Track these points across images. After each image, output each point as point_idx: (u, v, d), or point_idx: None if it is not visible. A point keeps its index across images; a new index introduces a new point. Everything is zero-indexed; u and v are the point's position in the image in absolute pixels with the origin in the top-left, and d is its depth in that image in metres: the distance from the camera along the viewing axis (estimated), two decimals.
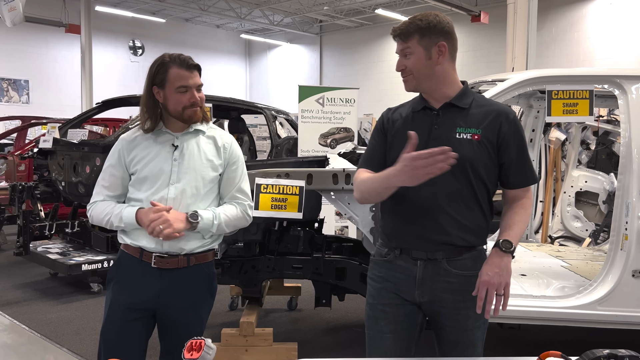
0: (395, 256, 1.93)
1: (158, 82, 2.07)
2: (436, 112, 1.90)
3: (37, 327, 4.28)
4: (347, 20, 21.72)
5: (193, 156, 2.13)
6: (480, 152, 1.84)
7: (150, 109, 2.10)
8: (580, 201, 5.89)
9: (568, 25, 16.77)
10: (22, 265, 6.34)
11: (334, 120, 7.03)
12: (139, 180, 2.12)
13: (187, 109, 2.09)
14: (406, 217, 1.90)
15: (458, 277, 1.87)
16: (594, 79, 3.32)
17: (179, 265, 2.11)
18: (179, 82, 2.06)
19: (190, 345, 1.59)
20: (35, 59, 19.74)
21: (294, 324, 4.54)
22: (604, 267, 3.19)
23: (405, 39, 1.87)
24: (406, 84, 1.92)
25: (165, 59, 2.08)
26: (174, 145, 2.13)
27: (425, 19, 1.86)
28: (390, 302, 1.94)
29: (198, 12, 21.16)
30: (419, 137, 1.80)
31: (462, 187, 1.84)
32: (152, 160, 2.11)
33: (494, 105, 1.92)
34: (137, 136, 2.15)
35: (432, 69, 1.87)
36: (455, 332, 1.91)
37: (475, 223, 1.88)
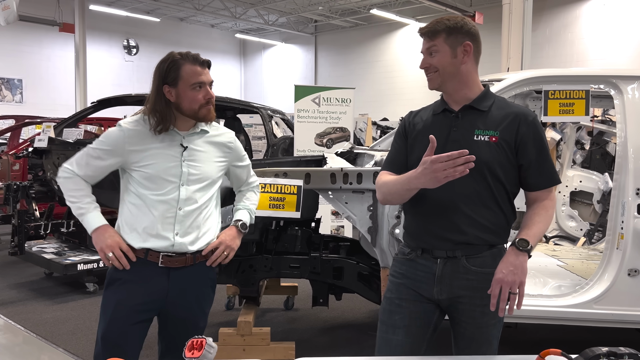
0: (417, 255, 1.98)
1: (170, 80, 2.02)
2: (455, 114, 1.94)
3: (33, 327, 4.26)
4: (342, 20, 21.74)
5: (201, 157, 2.13)
6: (497, 154, 1.87)
7: (162, 110, 2.03)
8: (575, 201, 5.93)
9: (562, 26, 16.86)
10: (17, 265, 6.31)
11: (330, 120, 7.03)
12: (146, 178, 2.06)
13: (203, 107, 2.07)
14: (425, 217, 1.95)
15: (477, 274, 1.90)
16: (590, 79, 3.34)
17: (187, 263, 2.12)
18: (194, 79, 2.02)
19: (191, 344, 1.59)
20: (28, 58, 19.63)
21: (291, 324, 4.54)
22: (600, 266, 3.21)
23: (432, 37, 1.90)
24: (430, 82, 1.95)
25: (176, 57, 2.04)
26: (182, 146, 2.10)
27: (453, 19, 1.91)
28: (407, 298, 1.98)
29: (193, 11, 21.11)
30: (438, 139, 1.86)
31: (479, 188, 1.88)
32: (160, 160, 2.06)
33: (513, 107, 1.94)
34: (142, 129, 2.07)
35: (457, 68, 1.90)
36: (471, 329, 1.93)
37: (493, 222, 1.91)
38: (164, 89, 2.03)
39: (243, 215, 2.31)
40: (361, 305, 4.83)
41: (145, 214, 2.06)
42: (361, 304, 4.79)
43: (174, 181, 2.07)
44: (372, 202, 3.19)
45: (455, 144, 1.87)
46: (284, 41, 25.01)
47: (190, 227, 2.10)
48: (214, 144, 2.19)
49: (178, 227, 2.08)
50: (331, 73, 23.21)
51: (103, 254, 2.04)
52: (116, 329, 2.08)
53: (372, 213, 3.19)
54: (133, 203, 2.08)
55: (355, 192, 3.21)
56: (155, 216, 2.06)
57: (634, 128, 3.15)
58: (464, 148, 1.81)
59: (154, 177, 2.06)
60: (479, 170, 1.84)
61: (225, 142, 2.23)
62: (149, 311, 2.12)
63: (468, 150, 1.71)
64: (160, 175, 2.06)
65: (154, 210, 2.06)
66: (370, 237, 3.19)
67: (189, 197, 2.08)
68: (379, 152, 3.59)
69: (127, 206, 2.10)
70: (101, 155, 2.08)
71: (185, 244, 2.09)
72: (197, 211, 2.11)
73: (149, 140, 2.07)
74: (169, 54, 2.08)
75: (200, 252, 2.15)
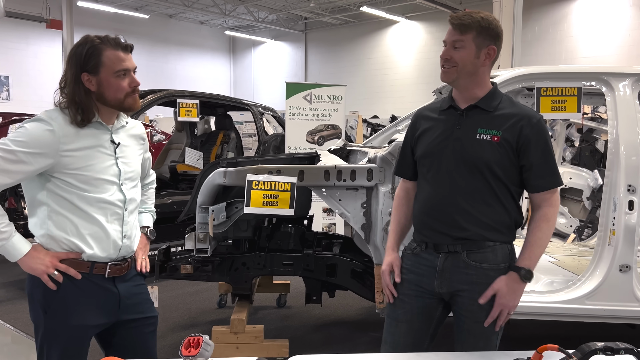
0: (421, 250, 2.03)
1: (90, 68, 1.82)
2: (461, 112, 1.96)
3: (22, 326, 4.19)
4: (332, 17, 21.70)
5: (129, 153, 2.03)
6: (498, 154, 1.88)
7: (82, 100, 1.83)
8: (565, 197, 5.97)
9: (551, 24, 16.97)
10: (4, 264, 6.20)
11: (321, 117, 7.02)
12: (83, 182, 1.86)
13: (129, 96, 1.90)
14: (428, 214, 1.99)
15: (477, 270, 1.92)
16: (581, 76, 3.36)
17: (129, 267, 2.06)
18: (118, 66, 1.85)
19: (187, 342, 1.58)
20: (15, 55, 19.39)
21: (284, 321, 4.53)
22: (591, 262, 3.24)
23: (462, 31, 1.87)
24: (445, 75, 1.93)
25: (95, 41, 1.84)
26: (113, 142, 1.95)
27: (486, 17, 1.89)
28: (409, 293, 2.03)
29: (182, 8, 20.96)
30: (442, 136, 1.95)
31: (480, 186, 1.90)
32: (95, 160, 1.89)
33: (519, 108, 1.95)
34: (69, 126, 1.84)
35: (476, 68, 1.91)
36: (469, 323, 1.96)
37: (495, 220, 1.92)
38: (83, 77, 1.84)
39: (148, 221, 2.27)
40: (354, 303, 4.83)
41: (87, 219, 1.87)
42: (354, 301, 4.79)
43: (114, 181, 1.94)
44: (365, 199, 3.19)
45: (458, 141, 1.92)
46: (274, 38, 24.93)
47: (132, 227, 2.04)
48: (133, 136, 2.09)
49: (126, 229, 1.99)
50: (321, 70, 23.18)
51: (46, 276, 1.83)
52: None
53: (365, 210, 3.19)
54: (67, 209, 1.85)
55: (349, 189, 3.20)
56: (100, 220, 1.90)
57: (625, 125, 3.18)
58: (466, 146, 1.89)
59: (93, 180, 1.88)
60: (479, 168, 1.88)
61: (140, 134, 2.13)
62: (99, 331, 2.00)
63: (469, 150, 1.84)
64: (98, 176, 1.89)
65: (98, 214, 1.89)
66: (364, 234, 3.19)
67: (131, 197, 2.00)
68: (372, 149, 3.58)
69: (59, 215, 1.85)
70: (26, 158, 1.77)
71: (130, 246, 2.03)
72: (136, 210, 2.08)
73: (80, 138, 1.86)
74: (85, 37, 1.88)
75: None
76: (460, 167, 1.91)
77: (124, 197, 1.97)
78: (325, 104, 7.04)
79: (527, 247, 1.92)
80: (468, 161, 1.90)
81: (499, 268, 1.93)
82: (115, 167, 1.95)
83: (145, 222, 2.25)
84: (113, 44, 1.85)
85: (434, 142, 1.98)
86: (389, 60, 20.79)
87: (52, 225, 1.87)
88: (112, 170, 1.94)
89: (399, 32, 20.74)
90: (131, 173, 2.02)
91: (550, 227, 1.93)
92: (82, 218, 1.88)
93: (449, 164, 1.93)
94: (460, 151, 1.91)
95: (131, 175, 2.03)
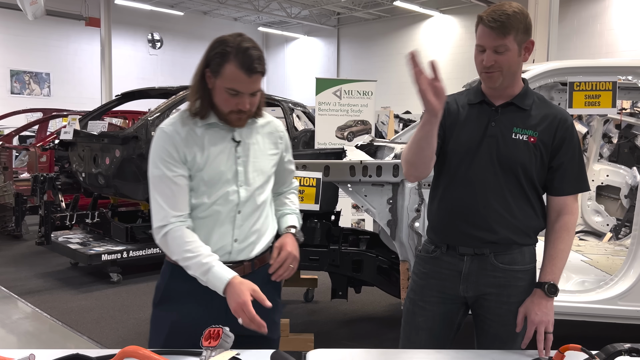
0: (441, 252, 1.91)
1: (212, 68, 1.73)
2: (495, 108, 1.86)
3: (59, 315, 4.35)
4: (364, 12, 21.59)
5: (256, 152, 1.87)
6: (534, 155, 1.81)
7: (200, 90, 1.77)
8: (602, 195, 5.80)
9: (590, 16, 16.47)
10: (44, 255, 6.45)
11: (351, 112, 7.00)
12: (203, 183, 1.79)
13: (232, 113, 1.77)
14: (455, 214, 1.88)
15: (505, 272, 1.85)
16: (617, 70, 3.25)
17: (245, 272, 1.84)
18: (231, 84, 1.71)
19: (208, 333, 1.61)
20: (56, 52, 20.00)
21: (311, 316, 4.55)
22: (625, 262, 3.14)
23: (504, 34, 1.72)
24: (491, 81, 1.80)
25: (226, 49, 1.70)
26: (234, 140, 1.83)
27: (521, 12, 1.75)
28: (431, 300, 1.93)
29: (216, 4, 21.20)
30: (475, 132, 1.84)
31: (512, 187, 1.82)
32: (215, 158, 1.80)
33: (553, 108, 1.88)
34: (190, 127, 1.79)
35: (519, 67, 1.82)
36: (496, 326, 1.89)
37: (525, 224, 1.85)
38: (206, 72, 1.76)
39: (294, 221, 2.02)
40: (381, 299, 4.81)
41: (199, 221, 1.82)
42: (381, 297, 4.78)
43: (231, 182, 1.81)
44: (391, 195, 3.17)
45: (493, 139, 1.82)
46: (307, 34, 24.97)
47: (249, 231, 1.86)
48: (266, 136, 1.92)
49: (237, 233, 1.84)
50: (354, 66, 23.11)
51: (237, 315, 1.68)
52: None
53: (391, 206, 3.17)
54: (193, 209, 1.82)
55: (374, 185, 3.19)
56: (210, 223, 1.82)
57: None
58: (501, 145, 1.81)
59: (210, 181, 1.79)
60: (514, 170, 1.80)
61: (275, 132, 1.95)
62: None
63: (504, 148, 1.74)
64: (217, 177, 1.79)
65: (209, 216, 1.81)
66: (389, 230, 3.18)
67: (248, 199, 1.84)
68: (400, 144, 3.56)
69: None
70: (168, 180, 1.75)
71: (244, 250, 1.86)
72: (257, 213, 1.88)
73: (200, 137, 1.79)
74: (223, 39, 1.73)
75: (259, 257, 1.90)
76: (495, 167, 1.81)
77: (239, 199, 1.82)
78: (355, 100, 7.01)
79: (549, 260, 1.83)
80: (503, 161, 1.81)
81: (527, 269, 1.88)
82: (234, 167, 1.82)
83: (291, 221, 2.00)
84: (239, 61, 1.69)
85: (467, 138, 1.85)
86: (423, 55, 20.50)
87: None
88: (231, 170, 1.81)
89: (432, 27, 20.48)
90: (254, 173, 1.86)
91: (571, 237, 1.85)
92: (196, 218, 1.82)
93: (482, 163, 1.82)
94: (496, 150, 1.81)
95: (254, 175, 1.85)
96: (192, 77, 1.79)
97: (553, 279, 1.81)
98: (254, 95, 1.76)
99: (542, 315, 1.78)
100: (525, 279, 1.87)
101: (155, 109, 5.46)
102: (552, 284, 1.80)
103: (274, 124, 1.97)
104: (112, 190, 5.70)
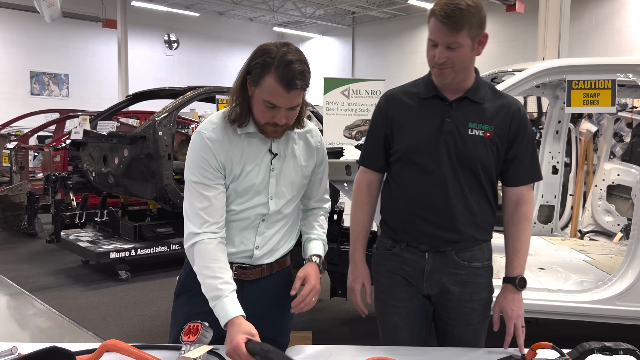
0: (401, 249, 1.88)
1: (252, 77, 1.68)
2: (449, 103, 1.80)
3: (66, 311, 4.44)
4: (379, 11, 21.56)
5: (290, 165, 1.82)
6: (491, 150, 1.79)
7: (240, 96, 1.72)
8: (612, 195, 5.72)
9: (609, 13, 16.22)
10: (57, 252, 6.59)
11: (359, 112, 7.01)
12: (235, 193, 1.78)
13: (268, 125, 1.71)
14: (415, 213, 1.83)
15: (466, 269, 1.84)
16: (616, 68, 3.22)
17: (262, 274, 1.85)
18: (269, 97, 1.65)
19: (188, 328, 1.65)
20: (74, 54, 20.37)
21: (312, 314, 4.58)
22: (624, 262, 3.11)
23: (457, 30, 1.66)
24: (442, 77, 1.75)
25: (267, 60, 1.63)
26: (271, 152, 1.79)
27: (476, 5, 1.67)
28: (402, 297, 1.89)
29: (231, 5, 21.36)
30: (430, 129, 1.78)
31: (471, 184, 1.80)
32: (251, 170, 1.76)
33: (505, 98, 1.84)
34: (229, 136, 1.75)
35: (472, 61, 1.77)
36: (459, 326, 1.87)
37: (483, 219, 1.84)
38: (247, 79, 1.70)
39: (319, 249, 1.91)
40: None
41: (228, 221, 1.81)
42: None
43: (262, 193, 1.79)
44: None
45: (450, 136, 1.77)
46: (322, 34, 25.01)
47: (271, 239, 1.85)
48: (302, 146, 1.85)
49: (259, 240, 1.83)
50: (368, 65, 23.09)
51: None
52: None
53: None
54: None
55: None
56: (234, 227, 1.82)
57: None
58: (459, 142, 1.77)
59: (242, 192, 1.77)
60: (472, 167, 1.77)
61: (312, 142, 1.87)
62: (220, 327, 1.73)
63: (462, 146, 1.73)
64: (249, 189, 1.77)
65: (235, 221, 1.81)
66: None
67: (276, 210, 1.82)
68: None
69: None
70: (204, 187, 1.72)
71: (264, 256, 1.85)
72: (281, 222, 1.86)
73: (238, 145, 1.76)
74: (267, 49, 1.66)
75: (278, 260, 1.89)
76: (454, 165, 1.78)
77: (269, 209, 1.80)
78: (364, 99, 7.02)
79: (514, 254, 1.82)
80: (461, 159, 1.77)
81: (486, 266, 1.88)
82: (267, 179, 1.78)
83: (316, 250, 1.90)
84: (279, 75, 1.61)
85: (423, 136, 1.80)
86: None
87: None
88: (264, 181, 1.78)
89: None
90: (287, 186, 1.82)
91: (530, 227, 1.84)
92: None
93: (440, 161, 1.78)
94: (454, 148, 1.77)
95: (286, 188, 1.82)
96: (235, 80, 1.74)
97: (520, 272, 1.81)
98: (292, 110, 1.70)
99: (517, 310, 1.78)
100: (485, 275, 1.88)
101: (163, 110, 5.54)
102: (522, 278, 1.80)
103: (312, 134, 1.88)
104: (121, 189, 5.80)
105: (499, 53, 18.33)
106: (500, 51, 18.01)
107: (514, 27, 18.04)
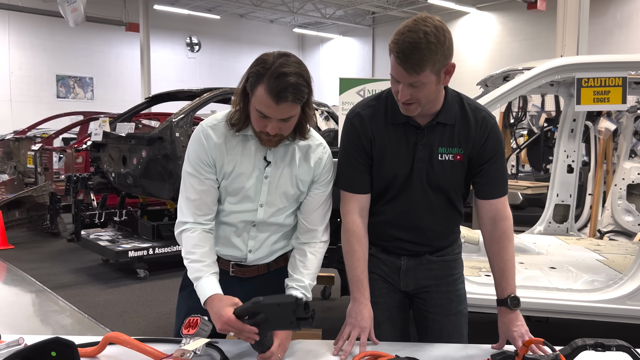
0: (377, 250, 1.93)
1: (248, 85, 1.67)
2: (421, 129, 1.77)
3: (85, 308, 4.56)
4: (399, 10, 21.48)
5: (284, 176, 1.80)
6: (462, 171, 1.81)
7: (241, 101, 1.72)
8: (633, 194, 5.63)
9: (634, 10, 15.91)
10: (78, 251, 6.75)
11: None
12: (226, 191, 1.81)
13: (262, 134, 1.71)
14: (391, 229, 1.89)
15: (439, 263, 1.93)
16: (627, 65, 3.18)
17: (259, 272, 1.91)
18: (260, 107, 1.64)
19: (187, 322, 1.70)
20: (99, 57, 20.79)
21: (325, 313, 4.62)
22: (635, 261, 3.07)
23: (417, 72, 1.58)
24: (408, 111, 1.71)
25: (261, 70, 1.62)
26: (266, 160, 1.79)
27: (435, 34, 1.57)
28: (381, 293, 1.93)
29: (252, 7, 21.53)
30: (406, 156, 1.78)
31: (442, 204, 1.85)
32: (242, 173, 1.78)
33: (475, 112, 1.80)
34: (227, 135, 1.78)
35: (439, 92, 1.72)
36: (440, 318, 1.92)
37: (452, 227, 1.95)
38: (246, 86, 1.70)
39: (301, 294, 1.81)
40: None
41: (221, 222, 1.86)
42: None
43: (253, 199, 1.80)
44: None
45: (422, 164, 1.78)
46: (342, 34, 25.03)
47: (265, 242, 1.88)
48: (301, 158, 1.82)
49: (252, 244, 1.87)
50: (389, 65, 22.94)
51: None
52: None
53: None
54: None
55: None
56: (227, 230, 1.86)
57: None
58: (429, 169, 1.78)
59: (233, 192, 1.81)
60: (444, 191, 1.82)
61: (314, 158, 1.83)
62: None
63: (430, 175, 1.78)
64: (239, 191, 1.79)
65: (230, 222, 1.85)
66: None
67: (267, 218, 1.83)
68: None
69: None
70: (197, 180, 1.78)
71: (258, 259, 1.89)
72: (275, 228, 1.87)
73: (236, 147, 1.78)
74: (265, 58, 1.65)
75: (276, 259, 1.92)
76: (426, 191, 1.81)
77: (257, 216, 1.81)
78: None
79: (501, 274, 1.81)
80: (433, 185, 1.81)
81: (456, 258, 1.97)
82: (259, 186, 1.79)
83: (296, 293, 1.79)
84: (269, 86, 1.59)
85: (399, 164, 1.79)
86: (458, 53, 20.23)
87: None
88: (256, 188, 1.79)
89: (469, 24, 20.20)
90: (279, 197, 1.81)
91: (512, 243, 1.82)
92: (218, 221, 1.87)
93: (414, 188, 1.81)
94: (425, 176, 1.79)
95: (278, 198, 1.81)
96: (238, 83, 1.74)
97: (512, 291, 1.79)
98: (285, 121, 1.66)
99: (519, 328, 1.75)
100: (456, 267, 1.96)
101: (179, 111, 5.64)
102: (513, 297, 1.78)
103: (315, 149, 1.83)
104: (139, 190, 5.92)
105: (520, 52, 18.12)
106: (522, 50, 17.80)
107: (535, 25, 17.80)
